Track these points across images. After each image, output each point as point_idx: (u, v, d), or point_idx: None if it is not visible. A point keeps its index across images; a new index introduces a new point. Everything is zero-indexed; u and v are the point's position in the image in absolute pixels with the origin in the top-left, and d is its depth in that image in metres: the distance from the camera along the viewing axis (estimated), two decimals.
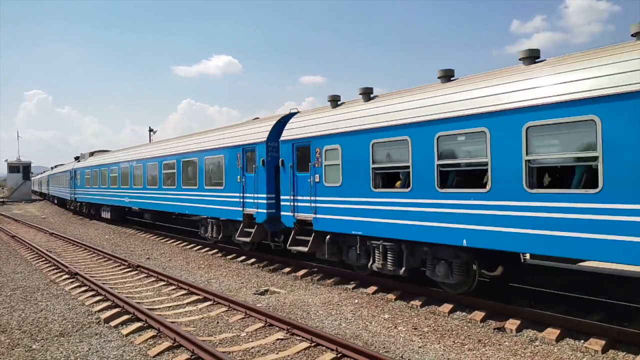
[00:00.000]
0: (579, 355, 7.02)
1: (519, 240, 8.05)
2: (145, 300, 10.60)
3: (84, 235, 24.17)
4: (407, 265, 10.27)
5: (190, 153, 18.66)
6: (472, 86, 9.07)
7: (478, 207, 8.63)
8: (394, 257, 10.46)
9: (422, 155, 9.53)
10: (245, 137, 15.44)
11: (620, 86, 6.82)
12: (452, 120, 9.04)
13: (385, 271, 10.65)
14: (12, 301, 10.67)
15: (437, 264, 9.73)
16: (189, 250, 18.38)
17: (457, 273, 9.41)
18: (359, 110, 11.40)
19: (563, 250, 7.60)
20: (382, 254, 10.68)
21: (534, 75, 8.04)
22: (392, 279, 10.81)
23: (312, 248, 12.49)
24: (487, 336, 7.88)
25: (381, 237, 10.60)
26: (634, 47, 7.03)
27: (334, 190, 11.77)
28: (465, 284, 9.54)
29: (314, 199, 12.36)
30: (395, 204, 10.16)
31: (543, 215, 7.71)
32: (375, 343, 7.59)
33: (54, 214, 40.86)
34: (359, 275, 11.68)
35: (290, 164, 13.16)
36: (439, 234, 9.28)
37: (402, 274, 10.32)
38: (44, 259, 16.07)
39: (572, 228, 7.38)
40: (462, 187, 9.07)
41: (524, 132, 7.89)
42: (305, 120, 13.20)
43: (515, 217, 8.06)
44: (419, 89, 10.44)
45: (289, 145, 13.26)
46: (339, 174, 11.61)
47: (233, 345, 7.65)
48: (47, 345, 7.79)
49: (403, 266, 10.30)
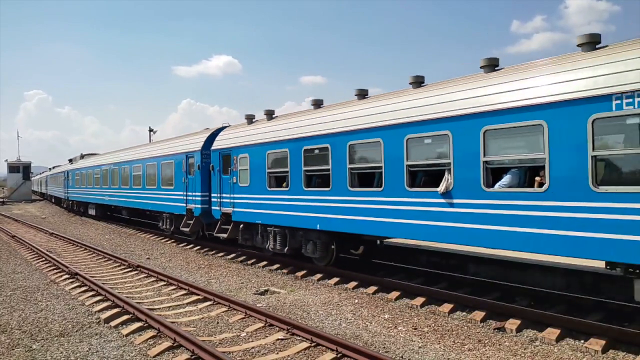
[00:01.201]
0: (579, 355, 7.02)
1: (356, 225, 11.21)
2: (145, 300, 10.60)
3: (84, 235, 24.18)
4: (289, 245, 13.65)
5: (152, 158, 22.30)
6: (334, 111, 12.27)
7: (325, 200, 12.01)
8: (281, 240, 13.87)
9: (295, 163, 12.96)
10: (187, 146, 19.12)
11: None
12: (314, 137, 12.41)
13: (276, 250, 14.07)
14: (12, 301, 10.67)
15: (307, 244, 13.08)
16: (189, 250, 18.38)
17: (319, 250, 12.77)
18: (261, 127, 14.90)
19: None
20: (274, 238, 14.11)
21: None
22: (281, 256, 14.21)
23: (231, 235, 16.13)
24: (487, 336, 7.88)
25: (273, 224, 14.00)
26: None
27: (245, 189, 15.23)
28: (326, 258, 12.89)
29: (233, 196, 15.85)
30: (281, 199, 13.53)
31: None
32: (375, 343, 7.59)
33: (53, 214, 40.87)
34: (359, 275, 11.74)
35: (218, 168, 16.60)
36: (304, 221, 12.64)
37: (286, 252, 13.71)
38: (44, 259, 16.07)
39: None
40: (319, 186, 12.41)
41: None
42: (229, 133, 16.78)
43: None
44: (298, 113, 14.24)
45: (217, 154, 16.76)
46: (248, 177, 15.05)
47: (233, 345, 7.65)
48: (47, 345, 7.79)
49: (287, 246, 13.66)
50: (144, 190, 22.95)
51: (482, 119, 8.49)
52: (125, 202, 26.10)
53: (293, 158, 13.00)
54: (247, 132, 15.43)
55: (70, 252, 18.22)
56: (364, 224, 10.98)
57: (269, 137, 14.11)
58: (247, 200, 15.13)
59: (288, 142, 13.25)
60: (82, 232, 25.57)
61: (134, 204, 24.70)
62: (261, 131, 14.67)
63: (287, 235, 13.68)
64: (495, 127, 8.33)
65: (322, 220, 12.09)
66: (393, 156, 10.23)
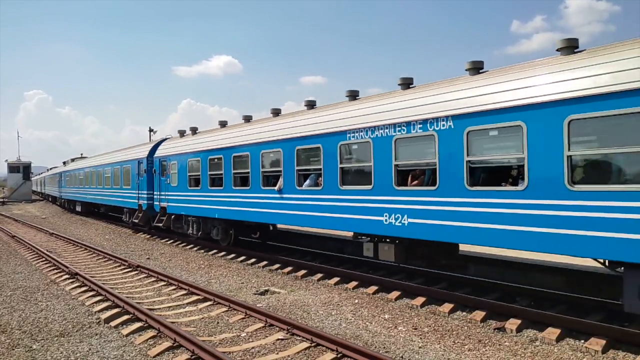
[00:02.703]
0: (579, 355, 7.02)
1: (241, 214, 15.45)
2: (145, 300, 10.60)
3: (84, 235, 24.18)
4: (202, 231, 18.34)
5: (117, 163, 27.08)
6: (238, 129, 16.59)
7: (222, 196, 16.27)
8: (197, 226, 18.70)
9: (204, 169, 17.37)
10: (140, 153, 23.75)
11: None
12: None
13: (194, 235, 18.84)
14: (13, 301, 10.67)
15: (213, 229, 17.69)
16: (189, 250, 18.38)
17: (222, 234, 17.33)
18: (188, 140, 19.41)
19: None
20: (191, 225, 19.01)
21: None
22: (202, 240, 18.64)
23: (166, 224, 20.87)
24: (487, 336, 7.88)
25: (191, 215, 18.78)
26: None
27: (175, 188, 19.83)
28: (226, 240, 17.33)
29: (167, 194, 20.52)
30: (196, 196, 18.04)
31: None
32: (375, 343, 7.59)
33: (54, 214, 40.88)
34: (359, 275, 11.75)
35: (158, 172, 21.34)
36: (209, 212, 17.22)
37: (199, 235, 18.49)
38: (44, 259, 16.07)
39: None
40: (217, 186, 16.68)
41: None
42: (166, 144, 21.68)
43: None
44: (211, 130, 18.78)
45: (158, 160, 21.55)
46: (177, 179, 19.60)
47: (233, 345, 7.65)
48: (47, 345, 7.79)
49: (200, 231, 18.40)
50: (112, 189, 27.95)
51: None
52: (100, 200, 30.93)
53: (203, 165, 17.45)
54: (178, 143, 20.24)
55: (71, 252, 18.23)
56: (241, 213, 15.43)
57: (189, 148, 18.79)
58: (175, 197, 19.80)
59: (201, 153, 17.66)
60: (82, 232, 25.58)
61: (106, 201, 29.71)
62: (185, 144, 19.39)
63: (200, 223, 18.42)
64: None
65: (220, 211, 16.54)
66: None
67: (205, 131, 19.22)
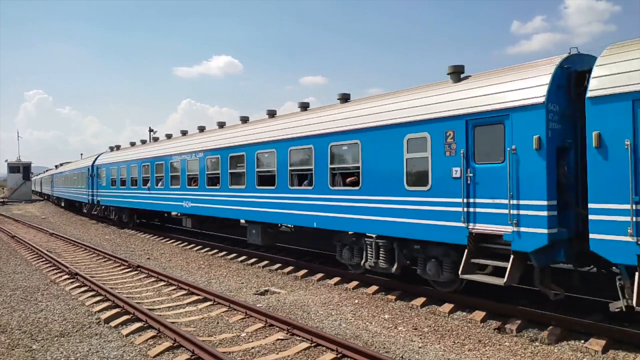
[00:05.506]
0: (579, 355, 7.03)
1: (141, 205, 23.39)
2: (145, 300, 10.60)
3: (84, 235, 24.18)
4: (117, 216, 27.00)
5: (78, 169, 36.29)
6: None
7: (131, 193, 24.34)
8: (115, 213, 27.27)
9: (128, 174, 24.77)
10: (88, 162, 32.71)
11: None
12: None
13: (113, 219, 27.45)
14: (12, 301, 10.67)
15: (123, 215, 24.70)
16: (189, 250, 18.38)
17: (127, 218, 25.37)
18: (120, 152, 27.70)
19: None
20: (112, 212, 27.82)
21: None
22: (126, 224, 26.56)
23: (99, 213, 30.07)
24: (487, 336, 7.88)
25: (112, 205, 27.13)
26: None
27: (104, 187, 28.69)
28: (130, 223, 25.41)
29: (99, 192, 29.65)
30: (115, 191, 26.58)
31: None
32: (375, 343, 7.59)
33: (53, 214, 40.89)
34: (359, 275, 11.75)
35: (96, 176, 30.11)
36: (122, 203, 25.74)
37: (116, 219, 26.85)
38: (44, 259, 16.07)
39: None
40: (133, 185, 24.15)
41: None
42: (103, 156, 30.68)
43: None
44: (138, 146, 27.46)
45: (96, 167, 30.40)
46: (105, 181, 28.35)
47: (233, 345, 7.65)
48: (47, 345, 7.79)
49: (116, 216, 26.99)
50: (76, 188, 37.04)
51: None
52: (71, 197, 39.79)
53: (129, 171, 24.68)
54: (111, 155, 29.13)
55: (71, 252, 18.22)
56: (139, 204, 23.31)
57: (116, 160, 27.06)
58: (105, 193, 28.47)
59: (129, 162, 24.80)
60: (82, 233, 25.58)
61: (74, 197, 38.50)
62: (115, 156, 27.97)
63: (116, 211, 27.13)
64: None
65: (129, 202, 24.67)
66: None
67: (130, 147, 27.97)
